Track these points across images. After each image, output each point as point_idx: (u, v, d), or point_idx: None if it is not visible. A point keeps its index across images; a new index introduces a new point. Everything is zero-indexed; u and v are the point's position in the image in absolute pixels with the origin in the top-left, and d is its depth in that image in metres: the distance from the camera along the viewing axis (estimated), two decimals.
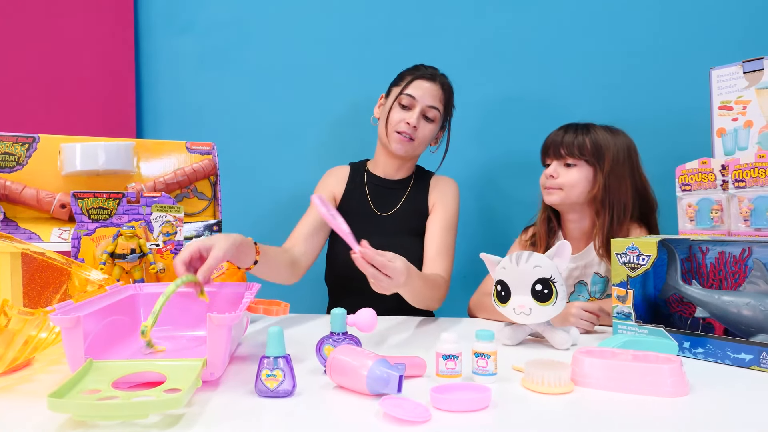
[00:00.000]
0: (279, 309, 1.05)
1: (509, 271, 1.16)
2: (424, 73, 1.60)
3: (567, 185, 1.48)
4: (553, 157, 1.51)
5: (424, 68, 1.63)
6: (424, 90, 1.58)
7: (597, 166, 1.47)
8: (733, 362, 1.02)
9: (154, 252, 1.36)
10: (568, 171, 1.49)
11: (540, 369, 0.89)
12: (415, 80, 1.58)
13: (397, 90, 1.60)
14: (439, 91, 1.60)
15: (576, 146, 1.47)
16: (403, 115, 1.58)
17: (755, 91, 1.26)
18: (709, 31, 1.81)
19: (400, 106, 1.58)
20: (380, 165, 1.69)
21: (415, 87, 1.58)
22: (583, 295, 1.53)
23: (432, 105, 1.58)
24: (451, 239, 1.60)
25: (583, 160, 1.47)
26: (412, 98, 1.57)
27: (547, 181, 1.52)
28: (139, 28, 2.09)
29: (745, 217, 1.12)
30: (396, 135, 1.58)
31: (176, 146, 1.56)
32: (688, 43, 1.81)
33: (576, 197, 1.49)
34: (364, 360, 0.87)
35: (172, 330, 1.16)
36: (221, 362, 0.89)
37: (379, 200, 1.67)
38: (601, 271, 1.50)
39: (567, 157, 1.48)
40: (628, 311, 1.15)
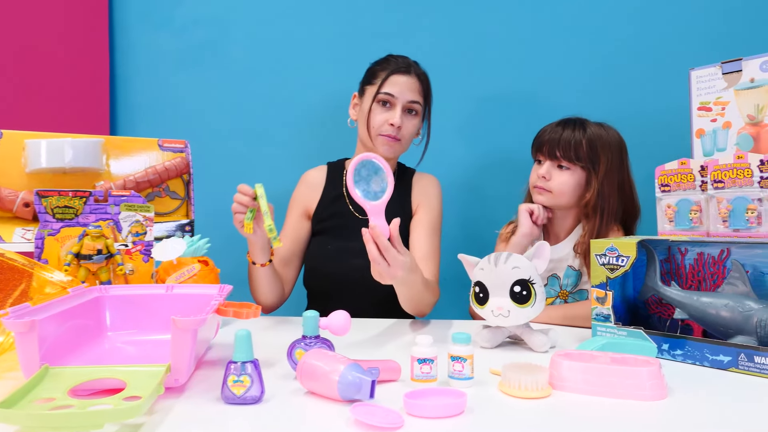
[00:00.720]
0: (250, 311, 1.01)
1: (487, 272, 1.13)
2: (397, 66, 1.53)
3: (557, 190, 1.47)
4: (547, 157, 1.49)
5: (395, 60, 1.56)
6: (402, 85, 1.52)
7: (592, 171, 1.45)
8: (711, 364, 1.01)
9: (123, 253, 1.31)
10: (561, 174, 1.47)
11: (517, 372, 0.86)
12: (390, 76, 1.51)
13: (372, 89, 1.53)
14: (417, 83, 1.54)
15: (573, 149, 1.44)
16: (386, 115, 1.52)
17: (734, 92, 1.25)
18: (689, 31, 1.81)
19: (380, 106, 1.53)
20: None
21: (392, 83, 1.51)
22: (555, 288, 1.52)
23: (413, 100, 1.53)
24: (437, 241, 1.57)
25: (578, 165, 1.46)
26: (392, 96, 1.51)
27: (538, 180, 1.49)
28: (114, 23, 2.04)
29: (723, 218, 1.11)
30: (381, 138, 1.53)
31: (148, 143, 1.52)
32: (668, 44, 1.81)
33: (565, 202, 1.49)
34: (336, 364, 0.84)
35: (137, 333, 1.12)
36: (186, 368, 0.85)
37: None
38: (575, 265, 1.49)
39: (562, 160, 1.46)
40: (607, 313, 1.14)
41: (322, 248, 1.57)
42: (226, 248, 1.50)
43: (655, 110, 1.72)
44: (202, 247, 1.38)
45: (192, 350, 0.86)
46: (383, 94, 1.51)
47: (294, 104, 1.99)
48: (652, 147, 1.51)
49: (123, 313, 1.14)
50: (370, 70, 1.58)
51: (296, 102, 1.99)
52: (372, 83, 1.54)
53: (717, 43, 1.75)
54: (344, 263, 1.51)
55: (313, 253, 1.59)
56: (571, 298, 1.49)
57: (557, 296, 1.51)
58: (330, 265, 1.53)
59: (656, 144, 1.49)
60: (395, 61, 1.55)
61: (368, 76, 1.57)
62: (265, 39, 2.00)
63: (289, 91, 1.99)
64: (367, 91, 1.56)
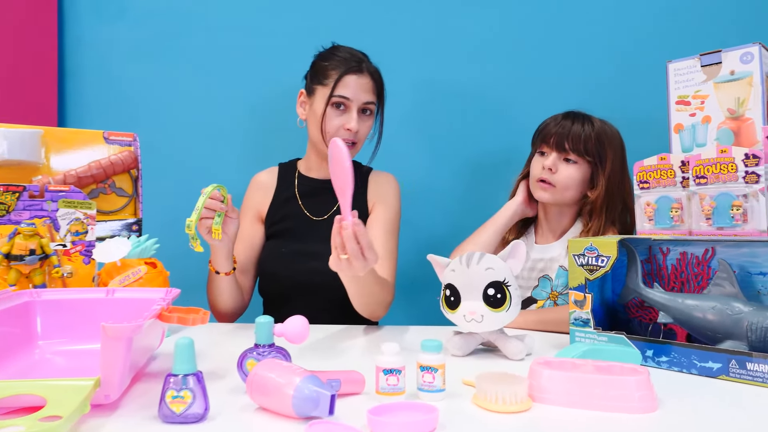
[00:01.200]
0: (197, 317, 0.90)
1: (459, 273, 1.05)
2: (349, 65, 1.42)
3: (562, 184, 1.41)
4: (553, 148, 1.42)
5: (344, 56, 1.44)
6: (356, 86, 1.42)
7: (598, 166, 1.40)
8: (700, 372, 0.94)
9: (60, 253, 1.19)
10: (567, 167, 1.41)
11: (493, 384, 0.78)
12: (343, 76, 1.41)
13: (324, 90, 1.42)
14: (371, 82, 1.45)
15: (582, 142, 1.39)
16: (341, 119, 1.42)
17: (713, 85, 1.20)
18: (665, 23, 1.75)
19: (334, 109, 1.42)
20: (313, 167, 1.55)
21: (345, 85, 1.41)
22: (546, 290, 1.44)
23: (368, 101, 1.44)
24: (394, 241, 1.48)
25: (585, 160, 1.40)
26: (347, 99, 1.41)
27: (543, 173, 1.42)
28: (64, 13, 1.92)
29: (706, 215, 1.05)
30: None
31: (92, 136, 1.40)
32: (644, 36, 1.75)
33: (568, 198, 1.44)
34: (291, 376, 0.74)
35: (72, 342, 1.00)
36: (118, 382, 0.75)
37: (313, 204, 1.52)
38: (566, 264, 1.42)
39: (570, 153, 1.40)
40: (586, 317, 1.06)
41: (275, 252, 1.48)
42: (176, 249, 1.38)
43: (630, 105, 1.66)
44: (149, 248, 1.27)
45: (125, 362, 0.75)
46: (337, 97, 1.41)
47: (250, 100, 1.90)
48: (629, 143, 1.45)
49: (56, 320, 1.03)
50: (318, 66, 1.47)
51: (253, 97, 1.89)
52: (323, 84, 1.43)
53: (694, 34, 1.70)
54: (300, 266, 1.42)
55: (267, 257, 1.49)
56: (561, 300, 1.42)
57: (548, 298, 1.44)
58: (284, 268, 1.44)
59: (632, 140, 1.42)
60: (345, 58, 1.44)
61: (317, 74, 1.46)
62: (221, 32, 1.90)
63: (246, 85, 1.89)
64: (317, 92, 1.45)
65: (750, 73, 1.13)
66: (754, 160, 1.00)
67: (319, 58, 1.49)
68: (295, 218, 1.50)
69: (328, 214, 1.50)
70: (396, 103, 1.62)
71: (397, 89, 1.62)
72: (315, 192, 1.53)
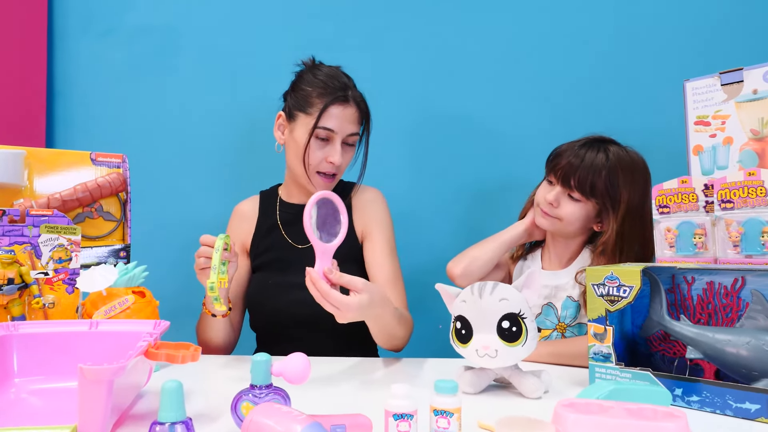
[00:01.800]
0: (187, 354, 0.82)
1: (470, 305, 0.98)
2: (335, 95, 1.33)
3: (564, 220, 1.33)
4: (559, 182, 1.32)
5: (328, 82, 1.35)
6: (342, 118, 1.34)
7: (607, 207, 1.30)
8: (735, 413, 0.86)
9: (41, 282, 1.11)
10: (571, 204, 1.32)
11: (516, 429, 0.70)
12: (328, 107, 1.32)
13: (307, 120, 1.34)
14: (356, 112, 1.37)
15: (589, 183, 1.28)
16: (324, 152, 1.34)
17: (734, 105, 1.14)
18: (682, 40, 1.69)
19: (317, 140, 1.34)
20: (293, 192, 1.47)
21: (330, 116, 1.33)
22: (551, 319, 1.36)
23: (352, 132, 1.36)
24: (397, 263, 1.41)
25: (591, 201, 1.30)
26: (331, 131, 1.33)
27: (545, 205, 1.34)
28: (54, 31, 1.87)
29: (734, 242, 0.98)
30: (318, 177, 1.36)
31: (79, 157, 1.33)
32: (659, 54, 1.69)
33: (572, 231, 1.36)
34: (291, 424, 0.66)
35: (51, 380, 0.92)
36: (99, 429, 0.67)
37: (296, 231, 1.42)
38: (574, 295, 1.34)
39: (575, 191, 1.30)
40: (607, 351, 0.99)
41: (262, 285, 1.40)
42: (166, 277, 1.31)
43: (646, 126, 1.59)
44: (138, 276, 1.19)
45: (106, 407, 0.67)
46: (321, 129, 1.33)
47: (243, 119, 1.83)
48: None
49: (34, 356, 0.95)
50: (301, 91, 1.37)
51: (246, 117, 1.83)
52: (306, 112, 1.35)
53: (713, 52, 1.64)
54: (287, 297, 1.34)
55: (254, 291, 1.41)
56: (569, 332, 1.34)
57: (554, 329, 1.36)
58: (273, 301, 1.36)
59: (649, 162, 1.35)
60: (330, 86, 1.35)
61: (300, 101, 1.36)
62: (214, 52, 1.84)
63: (239, 106, 1.83)
64: (299, 119, 1.36)
65: None
66: None
67: (301, 81, 1.39)
68: (279, 248, 1.41)
69: None
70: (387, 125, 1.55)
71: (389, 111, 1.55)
72: (297, 219, 1.42)
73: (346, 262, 1.39)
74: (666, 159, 1.28)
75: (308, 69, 1.41)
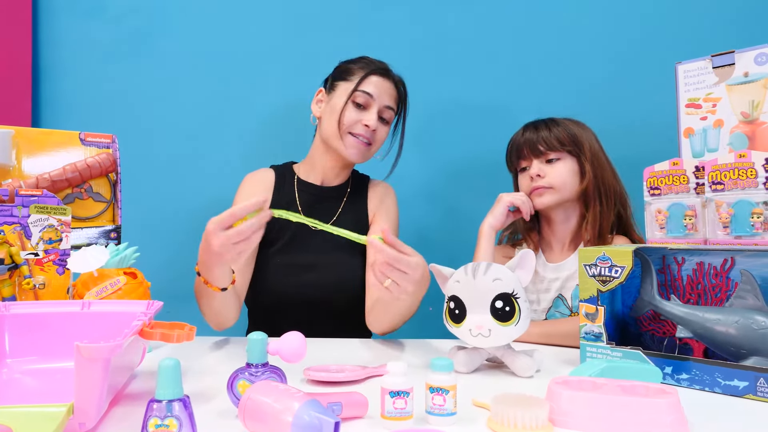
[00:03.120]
0: (182, 334, 0.82)
1: (464, 285, 0.98)
2: (377, 67, 1.39)
3: (558, 183, 1.35)
4: (531, 157, 1.38)
5: (372, 61, 1.42)
6: (381, 88, 1.38)
7: (580, 155, 1.36)
8: (724, 390, 0.88)
9: (31, 263, 1.10)
10: (554, 167, 1.36)
11: (511, 406, 0.71)
12: (369, 75, 1.37)
13: (348, 85, 1.38)
14: (394, 88, 1.41)
15: (555, 139, 1.35)
16: (360, 115, 1.37)
17: (726, 88, 1.15)
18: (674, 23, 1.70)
19: (354, 105, 1.37)
20: (317, 170, 1.47)
21: (370, 83, 1.37)
22: (561, 310, 1.37)
23: (389, 105, 1.40)
24: None
25: (565, 152, 1.36)
26: (369, 96, 1.36)
27: (532, 183, 1.37)
28: (39, 10, 1.83)
29: (724, 223, 1.00)
30: (352, 139, 1.37)
31: (68, 137, 1.31)
32: (651, 36, 1.70)
33: (569, 194, 1.37)
34: (289, 401, 0.66)
35: (43, 361, 0.91)
36: (95, 408, 0.67)
37: (313, 212, 1.40)
38: None
39: (549, 153, 1.36)
40: (598, 331, 1.00)
41: (267, 263, 1.38)
42: (158, 258, 1.30)
43: (638, 108, 1.61)
44: (129, 257, 1.18)
45: (102, 386, 0.67)
46: (361, 92, 1.36)
47: (234, 101, 1.82)
48: (636, 148, 1.40)
49: (26, 336, 0.94)
50: (343, 66, 1.43)
51: (236, 99, 1.82)
52: (347, 80, 1.39)
53: (705, 34, 1.65)
54: (294, 278, 1.34)
55: (259, 268, 1.39)
56: None
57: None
58: (279, 282, 1.36)
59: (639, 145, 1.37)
60: (372, 62, 1.41)
61: (341, 73, 1.41)
62: (202, 30, 1.82)
63: (229, 86, 1.82)
64: (339, 87, 1.40)
65: (765, 75, 1.08)
66: None
67: (345, 62, 1.45)
68: (293, 228, 1.39)
69: (330, 222, 1.41)
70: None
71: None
72: (317, 200, 1.45)
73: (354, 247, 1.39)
74: (658, 141, 1.30)
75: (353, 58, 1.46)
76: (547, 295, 1.38)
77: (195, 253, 1.36)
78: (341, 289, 1.34)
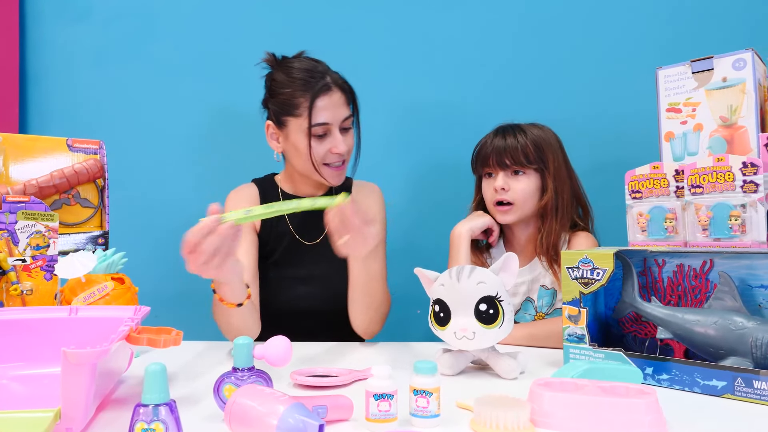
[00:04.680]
0: (168, 339, 0.83)
1: (449, 288, 0.99)
2: (317, 88, 1.28)
3: (520, 200, 1.37)
4: (497, 168, 1.38)
5: (304, 76, 1.30)
6: (331, 106, 1.30)
7: (545, 170, 1.37)
8: (703, 390, 0.90)
9: (19, 269, 1.10)
10: (518, 181, 1.37)
11: (493, 408, 0.72)
12: (314, 101, 1.28)
13: (299, 122, 1.29)
14: (341, 95, 1.32)
15: (521, 153, 1.35)
16: (326, 145, 1.31)
17: (705, 93, 1.17)
18: (656, 29, 1.72)
19: (316, 138, 1.30)
20: (300, 186, 1.43)
21: (320, 111, 1.28)
22: (530, 312, 1.39)
23: (345, 115, 1.32)
24: (385, 256, 1.41)
25: (531, 168, 1.37)
26: (326, 124, 1.29)
27: (497, 195, 1.38)
28: (26, 14, 1.84)
29: (703, 226, 1.02)
30: (328, 169, 1.33)
31: (55, 143, 1.31)
32: (633, 42, 1.72)
33: (528, 211, 1.39)
34: (274, 405, 0.67)
35: (30, 367, 0.92)
36: (82, 413, 0.67)
37: (303, 226, 1.40)
38: (546, 283, 1.37)
39: (514, 166, 1.36)
40: (581, 333, 1.01)
41: (263, 276, 1.37)
42: (145, 264, 1.30)
43: (619, 113, 1.62)
44: (117, 263, 1.18)
45: (89, 391, 0.68)
46: (317, 126, 1.29)
47: (221, 105, 1.82)
48: (618, 152, 1.42)
49: (14, 342, 0.94)
50: (280, 95, 1.32)
51: (224, 103, 1.82)
52: (295, 115, 1.30)
53: (684, 40, 1.67)
54: (289, 294, 1.32)
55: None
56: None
57: (533, 320, 1.39)
58: (272, 296, 1.35)
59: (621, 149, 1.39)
60: (307, 80, 1.30)
61: (283, 106, 1.32)
62: (191, 35, 1.83)
63: (216, 92, 1.82)
64: (290, 124, 1.31)
65: (743, 80, 1.10)
66: (752, 168, 0.97)
67: (276, 84, 1.34)
68: (286, 243, 1.38)
69: (322, 235, 1.39)
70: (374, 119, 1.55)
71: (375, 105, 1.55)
72: (303, 213, 1.43)
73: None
74: (639, 145, 1.32)
75: (277, 68, 1.36)
76: (515, 299, 1.40)
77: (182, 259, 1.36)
78: (336, 302, 1.31)
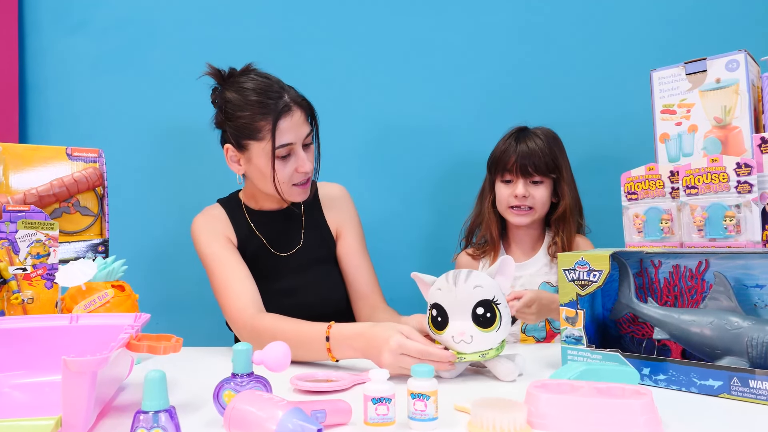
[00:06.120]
0: (168, 345, 0.84)
1: (446, 292, 1.00)
2: (277, 111, 1.26)
3: (539, 205, 1.45)
4: (519, 175, 1.44)
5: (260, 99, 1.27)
6: (293, 126, 1.27)
7: (561, 178, 1.44)
8: (699, 390, 0.90)
9: (19, 278, 1.12)
10: (537, 189, 1.45)
11: (490, 410, 0.73)
12: (276, 124, 1.25)
13: (262, 145, 1.27)
14: (301, 113, 1.29)
15: (544, 164, 1.42)
16: (291, 165, 1.29)
17: (699, 94, 1.17)
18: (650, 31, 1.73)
19: (280, 159, 1.28)
20: (263, 203, 1.42)
21: (283, 133, 1.26)
22: None
23: (307, 134, 1.31)
24: (370, 260, 1.46)
25: (549, 178, 1.44)
26: (290, 144, 1.28)
27: (516, 200, 1.44)
28: (25, 25, 1.85)
29: (698, 226, 1.02)
30: (296, 189, 1.32)
31: (54, 152, 1.33)
32: (627, 44, 1.73)
33: (542, 214, 1.48)
34: (273, 410, 0.68)
35: (32, 375, 0.93)
36: (83, 420, 0.68)
37: (276, 240, 1.40)
38: (552, 280, 1.40)
39: (535, 176, 1.43)
40: (578, 334, 1.02)
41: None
42: (145, 271, 1.31)
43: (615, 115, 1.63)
44: (117, 270, 1.19)
45: (90, 398, 0.69)
46: (281, 148, 1.27)
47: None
48: (614, 154, 1.43)
49: (15, 350, 0.95)
50: (238, 119, 1.28)
51: None
52: (257, 138, 1.27)
53: (678, 42, 1.68)
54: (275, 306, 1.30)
55: None
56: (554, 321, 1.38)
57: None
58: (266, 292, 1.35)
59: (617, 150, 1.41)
60: (266, 101, 1.27)
61: (243, 130, 1.28)
62: (189, 44, 1.84)
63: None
64: (252, 147, 1.29)
65: (736, 81, 1.11)
66: (746, 169, 0.98)
67: (232, 107, 1.30)
68: (262, 257, 1.38)
69: (297, 246, 1.40)
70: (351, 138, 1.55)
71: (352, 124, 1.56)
72: (273, 227, 1.41)
73: (327, 262, 1.42)
74: (634, 147, 1.33)
75: (227, 86, 1.33)
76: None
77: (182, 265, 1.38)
78: (325, 306, 1.33)
